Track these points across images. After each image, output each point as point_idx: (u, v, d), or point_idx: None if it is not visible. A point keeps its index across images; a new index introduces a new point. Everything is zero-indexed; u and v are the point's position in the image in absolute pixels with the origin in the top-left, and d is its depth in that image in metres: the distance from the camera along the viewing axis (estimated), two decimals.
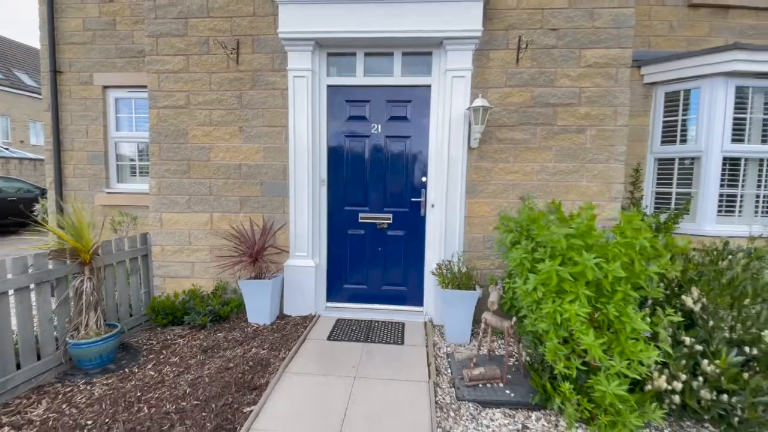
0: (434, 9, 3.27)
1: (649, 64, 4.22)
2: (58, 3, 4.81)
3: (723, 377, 2.17)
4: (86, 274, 3.11)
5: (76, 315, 3.06)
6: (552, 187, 3.49)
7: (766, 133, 4.06)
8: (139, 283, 3.80)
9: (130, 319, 3.56)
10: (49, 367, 2.83)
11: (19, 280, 2.69)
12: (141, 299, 3.79)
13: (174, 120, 3.72)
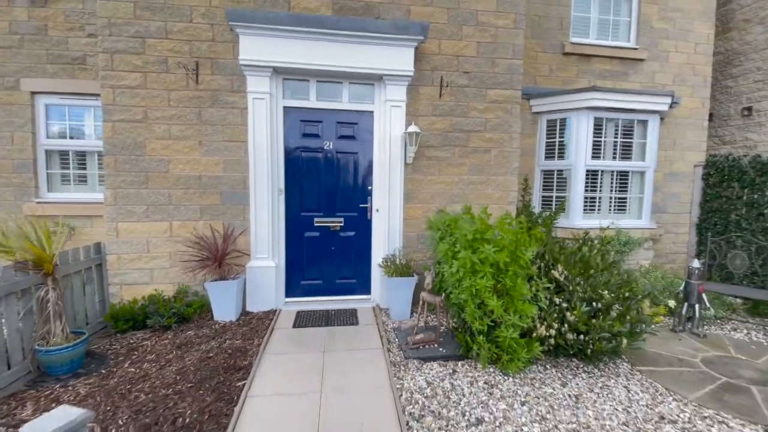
0: (376, 51, 4.00)
1: (535, 98, 5.49)
2: None
3: (579, 323, 3.24)
4: (50, 284, 3.22)
5: (42, 324, 3.16)
6: (467, 194, 4.47)
7: (615, 151, 5.59)
8: (94, 292, 3.88)
9: (86, 327, 3.65)
10: (19, 375, 2.92)
11: None
12: (96, 308, 3.88)
13: (130, 133, 3.89)
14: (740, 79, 6.78)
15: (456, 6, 4.24)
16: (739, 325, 4.43)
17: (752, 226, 5.26)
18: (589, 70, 5.72)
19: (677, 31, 5.88)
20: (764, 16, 6.33)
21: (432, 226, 3.70)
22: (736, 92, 6.84)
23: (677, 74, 5.92)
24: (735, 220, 5.48)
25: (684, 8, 5.86)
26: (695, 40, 5.95)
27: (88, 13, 4.69)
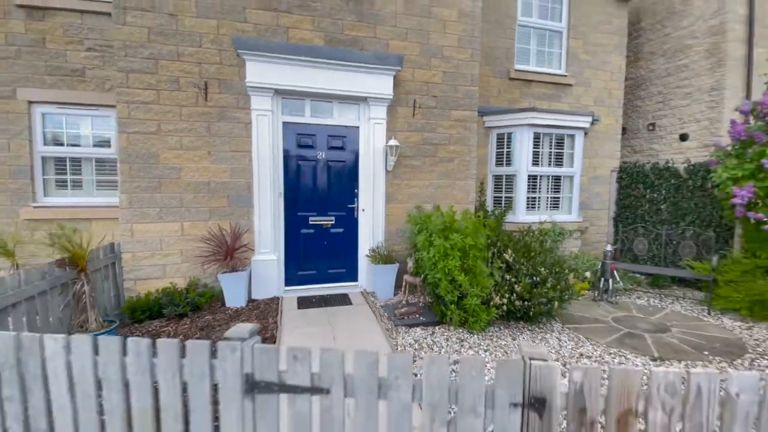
0: (362, 77, 4.81)
1: (487, 115, 6.59)
2: None
3: (524, 292, 4.28)
4: (84, 278, 3.68)
5: (78, 314, 3.62)
6: (437, 195, 5.41)
7: (550, 160, 6.83)
8: (110, 288, 4.31)
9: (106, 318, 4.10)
10: None
11: (41, 286, 3.23)
12: (111, 301, 4.32)
13: (144, 144, 4.36)
14: (646, 100, 8.44)
15: (426, 42, 5.16)
16: (642, 295, 5.80)
17: (652, 218, 6.75)
18: (530, 93, 6.94)
19: (597, 62, 7.28)
20: (666, 49, 7.98)
21: (411, 221, 4.60)
22: (643, 111, 8.50)
23: (597, 97, 7.33)
24: (640, 214, 6.97)
25: (602, 43, 7.28)
26: (611, 70, 7.40)
27: (87, 28, 5.01)
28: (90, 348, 1.65)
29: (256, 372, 1.57)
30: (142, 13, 4.25)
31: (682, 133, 7.70)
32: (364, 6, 4.90)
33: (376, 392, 1.52)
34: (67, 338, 1.66)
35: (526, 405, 1.44)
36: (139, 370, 1.63)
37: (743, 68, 6.98)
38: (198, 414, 1.62)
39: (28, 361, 1.70)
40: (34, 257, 5.03)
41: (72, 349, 1.66)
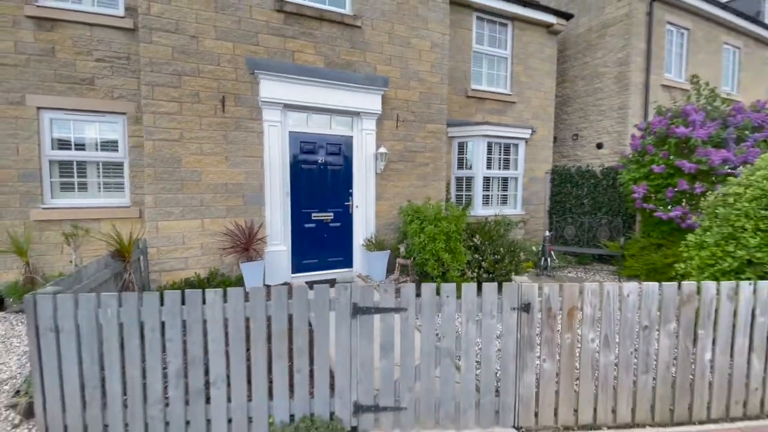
0: (355, 95, 5.75)
1: (450, 127, 7.84)
2: None
3: (489, 267, 5.53)
4: (129, 269, 4.22)
5: None
6: (415, 194, 6.51)
7: (500, 164, 8.27)
8: (138, 278, 4.80)
9: None
10: None
11: (106, 274, 3.77)
12: (141, 290, 4.80)
13: (169, 150, 4.90)
14: (571, 115, 10.33)
15: (406, 67, 6.24)
16: (572, 270, 7.41)
17: (578, 210, 8.48)
18: (483, 108, 8.33)
19: (535, 84, 8.89)
20: (585, 74, 9.89)
21: (403, 213, 5.66)
22: (569, 123, 10.38)
23: (535, 112, 8.95)
24: (569, 207, 8.69)
25: (538, 68, 8.90)
26: (545, 90, 9.06)
27: (96, 40, 5.35)
28: (242, 297, 2.47)
29: (359, 302, 2.50)
30: (167, 34, 4.80)
31: (598, 143, 9.63)
32: (356, 35, 5.85)
33: (435, 309, 2.54)
34: (223, 290, 2.46)
35: (519, 308, 2.56)
36: (279, 308, 2.48)
37: (642, 92, 9.02)
38: (320, 332, 2.51)
39: (190, 310, 2.46)
40: (42, 256, 5.27)
41: (228, 299, 2.46)
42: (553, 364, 2.60)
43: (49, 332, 2.41)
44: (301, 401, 2.55)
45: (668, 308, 2.64)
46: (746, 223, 3.46)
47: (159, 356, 2.48)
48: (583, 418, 2.66)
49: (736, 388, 2.74)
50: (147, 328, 2.45)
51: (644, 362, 2.67)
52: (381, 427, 2.58)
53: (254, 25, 5.22)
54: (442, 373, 2.59)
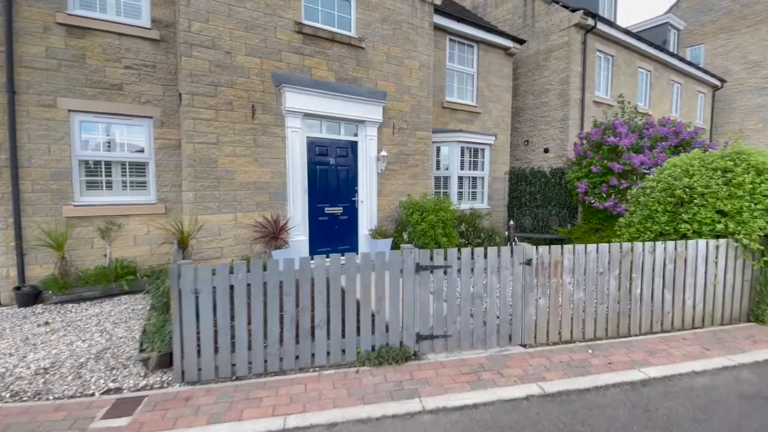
0: (360, 106, 6.72)
1: (433, 134, 9.07)
2: (16, 29, 5.09)
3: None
4: (188, 255, 4.86)
5: None
6: (408, 191, 7.62)
7: (470, 166, 9.66)
8: None
9: None
10: None
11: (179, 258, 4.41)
12: None
13: (206, 152, 5.53)
14: (523, 124, 12.11)
15: (400, 83, 7.34)
16: None
17: (532, 204, 10.17)
18: (455, 118, 9.69)
19: (495, 97, 10.45)
20: (534, 90, 11.69)
21: (402, 206, 6.76)
22: (521, 131, 12.15)
23: (495, 122, 10.51)
24: (524, 201, 10.36)
25: (498, 84, 10.48)
26: (503, 103, 10.67)
27: (125, 48, 5.78)
28: (339, 259, 3.40)
29: (420, 261, 3.56)
30: (205, 49, 5.44)
31: (545, 147, 11.48)
32: (361, 55, 6.84)
33: (471, 265, 3.67)
34: (326, 255, 3.38)
35: (523, 263, 3.77)
36: (366, 267, 3.45)
37: (580, 106, 10.97)
38: (393, 286, 3.53)
39: (302, 271, 3.35)
40: (73, 251, 5.58)
41: (331, 261, 3.38)
42: (546, 301, 3.86)
43: (190, 294, 3.17)
44: (380, 335, 3.55)
45: (614, 260, 4.03)
46: (659, 207, 5.04)
47: (277, 308, 3.33)
48: (564, 336, 3.95)
49: (656, 312, 4.21)
50: (269, 286, 3.30)
51: (601, 296, 4.03)
52: (435, 350, 3.66)
53: (278, 43, 6.01)
54: (474, 310, 3.73)
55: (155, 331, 3.52)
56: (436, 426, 2.67)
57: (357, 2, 6.76)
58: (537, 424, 2.70)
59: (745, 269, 4.51)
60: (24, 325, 4.49)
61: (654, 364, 3.52)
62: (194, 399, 2.97)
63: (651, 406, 2.92)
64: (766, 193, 4.37)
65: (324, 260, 3.40)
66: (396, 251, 3.54)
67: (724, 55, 17.55)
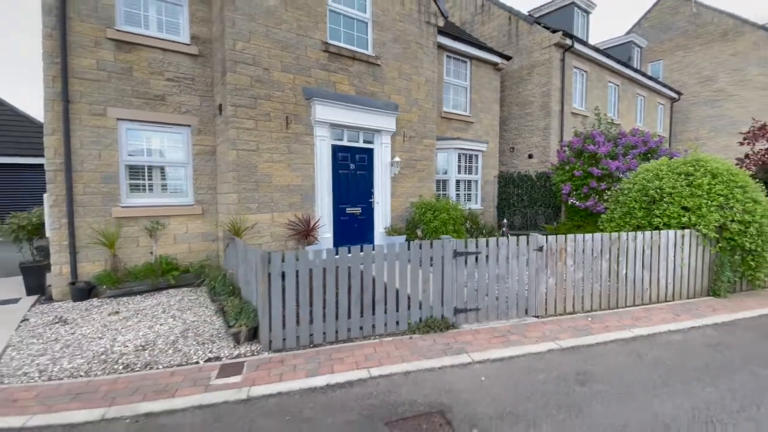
0: (376, 116, 7.50)
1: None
2: (69, 42, 5.54)
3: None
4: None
5: None
6: (416, 193, 8.44)
7: (466, 170, 10.61)
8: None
9: None
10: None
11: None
12: None
13: (248, 158, 6.14)
14: (509, 132, 13.23)
15: (409, 96, 8.18)
16: None
17: (519, 204, 11.24)
18: (451, 126, 10.64)
19: (486, 108, 11.49)
20: (519, 101, 12.82)
21: (414, 206, 7.57)
22: (507, 139, 13.27)
23: (486, 130, 11.55)
24: (512, 202, 11.42)
25: (488, 96, 11.53)
26: (493, 113, 11.73)
27: (167, 62, 6.30)
28: (395, 247, 4.16)
29: (457, 248, 4.37)
30: (246, 66, 6.07)
31: (529, 153, 12.63)
32: (377, 72, 7.63)
33: (496, 252, 4.52)
34: (385, 244, 4.12)
35: (537, 249, 4.66)
36: (415, 254, 4.23)
37: (559, 117, 12.18)
38: (437, 269, 4.31)
39: (366, 257, 4.08)
40: (120, 249, 6.03)
41: (389, 249, 4.13)
42: (554, 280, 4.76)
43: (278, 277, 3.84)
44: (426, 309, 4.32)
45: (605, 247, 4.99)
46: (635, 204, 6.09)
47: (346, 287, 4.04)
48: (567, 309, 4.87)
49: (638, 288, 5.21)
50: (340, 269, 4.01)
51: (596, 276, 4.98)
52: (468, 321, 4.47)
53: (308, 61, 6.70)
54: (498, 288, 4.58)
55: (238, 311, 4.15)
56: (486, 370, 3.47)
57: (373, 24, 7.56)
58: (559, 366, 3.56)
59: (705, 254, 5.60)
60: (91, 315, 4.95)
61: (640, 326, 4.48)
62: (287, 361, 3.64)
63: (641, 353, 3.84)
64: (719, 192, 5.49)
65: (382, 248, 4.15)
66: (437, 240, 4.34)
67: (680, 71, 19.55)
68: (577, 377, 3.37)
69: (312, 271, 3.95)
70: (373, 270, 4.16)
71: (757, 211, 5.44)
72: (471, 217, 8.43)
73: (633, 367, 3.55)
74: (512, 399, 3.02)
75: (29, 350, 3.97)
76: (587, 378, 3.35)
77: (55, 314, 4.97)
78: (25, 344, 4.11)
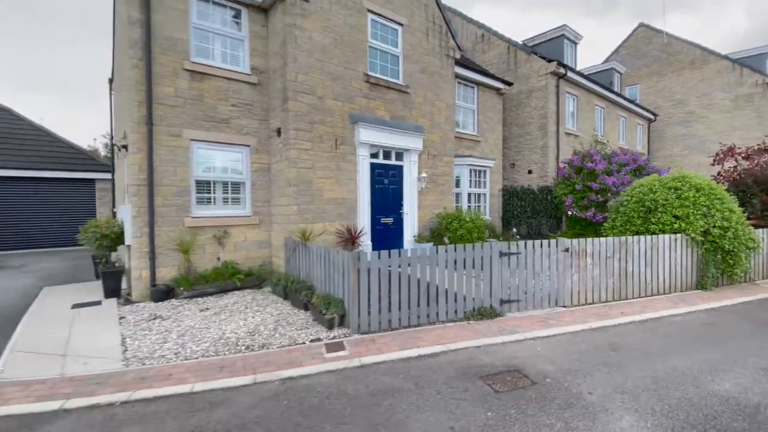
0: (407, 138, 8.51)
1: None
2: (153, 72, 6.35)
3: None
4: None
5: None
6: (437, 205, 9.43)
7: (477, 184, 11.72)
8: None
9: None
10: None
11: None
12: None
13: (305, 175, 7.00)
14: (510, 150, 14.49)
15: (432, 120, 9.25)
16: None
17: (522, 216, 12.38)
18: (463, 145, 11.76)
19: (491, 128, 12.70)
20: (519, 122, 14.11)
21: (439, 216, 8.56)
22: (509, 156, 14.52)
23: (491, 148, 12.74)
24: (515, 214, 12.56)
25: (493, 118, 12.76)
26: (497, 133, 12.95)
27: (232, 90, 7.17)
28: (453, 249, 5.10)
29: (502, 250, 5.34)
30: (305, 95, 6.99)
31: (529, 169, 13.88)
32: (407, 99, 8.68)
33: (532, 252, 5.51)
34: (448, 244, 5.06)
35: (563, 250, 5.68)
36: (469, 253, 5.17)
37: (555, 137, 13.50)
38: (486, 267, 5.26)
39: (431, 256, 5.00)
40: (193, 254, 6.74)
41: (448, 249, 5.07)
42: (577, 276, 5.77)
43: (365, 273, 4.71)
44: (478, 300, 5.24)
45: (616, 248, 6.06)
46: (634, 214, 7.23)
47: (416, 281, 4.93)
48: (588, 300, 5.87)
49: (642, 282, 6.28)
50: (411, 267, 4.91)
51: (609, 272, 6.03)
52: (511, 310, 5.41)
53: (353, 90, 7.69)
54: (535, 282, 5.55)
55: (327, 302, 4.96)
56: (538, 344, 4.40)
57: (403, 58, 8.64)
58: (593, 340, 4.52)
59: (693, 254, 6.75)
60: (183, 312, 5.65)
61: (648, 312, 5.52)
62: (378, 340, 4.48)
63: (653, 330, 4.86)
64: (702, 203, 6.68)
65: (445, 248, 5.08)
66: (486, 243, 5.30)
67: (655, 94, 21.51)
68: (609, 346, 4.34)
69: (391, 267, 4.84)
70: (437, 268, 5.07)
71: (733, 219, 6.65)
72: (490, 226, 9.46)
73: (649, 340, 4.55)
74: (566, 361, 3.96)
75: (148, 339, 4.66)
76: (617, 347, 4.33)
77: (149, 312, 5.64)
78: (140, 336, 4.79)
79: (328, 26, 7.30)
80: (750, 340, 4.56)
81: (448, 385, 3.46)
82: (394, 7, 8.42)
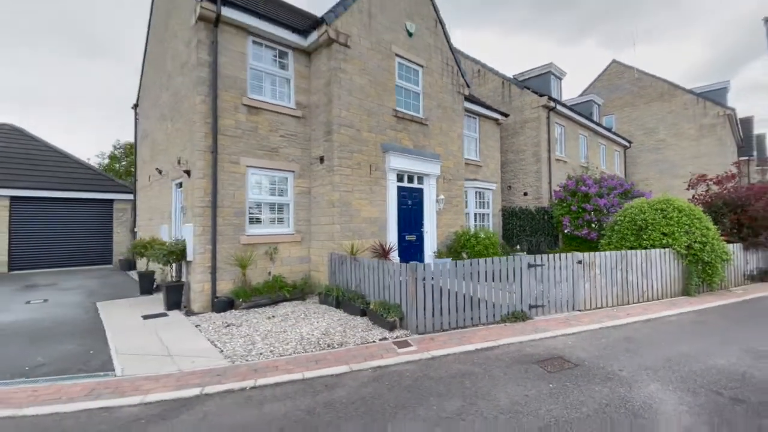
0: (427, 164, 9.57)
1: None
2: (218, 107, 7.20)
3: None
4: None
5: None
6: (452, 224, 10.44)
7: (481, 205, 12.85)
8: None
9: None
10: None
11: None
12: None
13: (345, 197, 7.89)
14: (506, 174, 15.81)
15: (447, 148, 10.38)
16: None
17: (521, 234, 13.56)
18: (468, 170, 12.94)
19: (491, 154, 13.99)
20: (514, 149, 15.50)
21: (457, 234, 9.56)
22: (505, 179, 15.83)
23: (492, 172, 13.99)
24: (515, 233, 13.73)
25: (492, 145, 14.07)
26: (495, 159, 14.25)
27: (280, 123, 8.07)
28: (489, 261, 6.06)
29: (530, 262, 6.35)
30: (346, 128, 7.97)
31: (524, 192, 15.19)
32: (426, 130, 9.79)
33: (553, 264, 6.54)
34: (489, 258, 6.02)
35: (577, 262, 6.74)
36: (502, 264, 6.14)
37: (548, 163, 14.90)
38: (518, 276, 6.24)
39: (473, 264, 5.95)
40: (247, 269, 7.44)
41: (486, 262, 6.03)
42: (588, 284, 6.82)
43: (422, 281, 5.59)
44: (510, 306, 6.18)
45: (619, 260, 7.17)
46: (628, 232, 8.44)
47: (463, 289, 5.84)
48: (597, 305, 6.91)
49: (640, 290, 7.39)
50: (458, 276, 5.83)
51: (614, 282, 7.11)
52: (537, 314, 6.37)
53: (384, 123, 8.73)
54: (556, 289, 6.55)
55: (386, 308, 5.78)
56: (567, 339, 5.35)
57: (423, 95, 9.81)
58: (610, 335, 5.52)
59: (679, 266, 7.96)
60: (251, 320, 6.31)
61: (648, 314, 6.59)
62: (436, 338, 5.33)
63: (656, 327, 5.91)
64: (684, 222, 7.94)
65: (485, 260, 6.03)
66: (516, 256, 6.29)
67: (629, 123, 23.68)
68: (625, 339, 5.34)
69: (442, 275, 5.74)
70: (478, 277, 6.01)
71: (709, 235, 7.93)
72: (502, 243, 10.53)
73: (655, 333, 5.58)
74: (595, 350, 4.92)
75: (236, 342, 5.32)
76: (631, 339, 5.33)
77: (221, 321, 6.28)
78: (226, 340, 5.45)
79: (365, 69, 8.39)
80: (732, 332, 5.67)
81: (510, 368, 4.34)
82: (416, 51, 9.65)
